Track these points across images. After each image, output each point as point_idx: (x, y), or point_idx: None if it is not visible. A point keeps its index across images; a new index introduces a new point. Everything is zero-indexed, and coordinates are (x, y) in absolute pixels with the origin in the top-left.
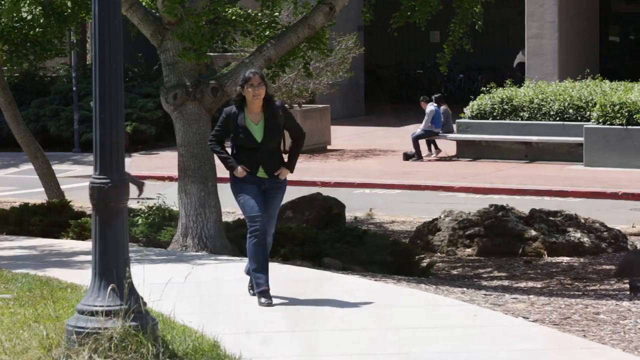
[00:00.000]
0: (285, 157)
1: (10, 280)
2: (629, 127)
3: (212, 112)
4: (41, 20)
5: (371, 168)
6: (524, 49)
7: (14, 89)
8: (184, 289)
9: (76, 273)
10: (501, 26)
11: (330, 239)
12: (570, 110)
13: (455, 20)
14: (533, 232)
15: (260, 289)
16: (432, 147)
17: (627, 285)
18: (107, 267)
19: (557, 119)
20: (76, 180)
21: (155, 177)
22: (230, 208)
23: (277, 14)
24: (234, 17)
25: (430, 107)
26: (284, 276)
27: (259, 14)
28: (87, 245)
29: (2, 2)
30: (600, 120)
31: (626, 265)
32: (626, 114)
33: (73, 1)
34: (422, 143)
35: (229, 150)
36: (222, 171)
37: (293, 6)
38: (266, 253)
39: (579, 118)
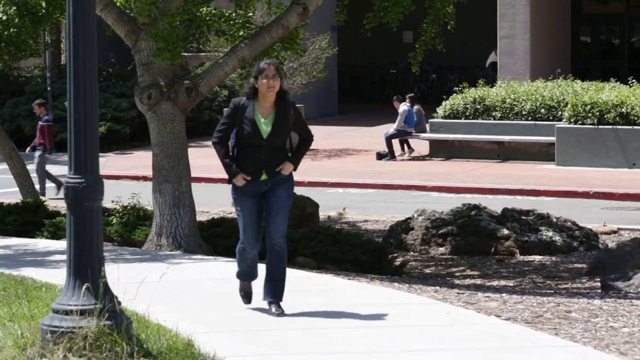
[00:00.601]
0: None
1: None
2: (600, 126)
3: (187, 112)
4: (16, 21)
5: (345, 167)
6: (497, 49)
7: None
8: (159, 288)
9: (51, 272)
10: (473, 26)
11: (303, 238)
12: (542, 110)
13: (427, 20)
14: (505, 231)
15: (242, 283)
16: (405, 146)
17: (599, 284)
18: (81, 266)
19: (529, 118)
20: None
21: (130, 176)
22: (205, 207)
23: (251, 14)
24: (208, 17)
25: (403, 107)
26: (258, 275)
27: (233, 14)
28: (62, 244)
29: None
30: (572, 120)
31: (597, 264)
32: (597, 113)
33: (47, 2)
34: (396, 143)
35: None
36: (196, 171)
37: (267, 6)
38: (251, 264)
39: (551, 118)
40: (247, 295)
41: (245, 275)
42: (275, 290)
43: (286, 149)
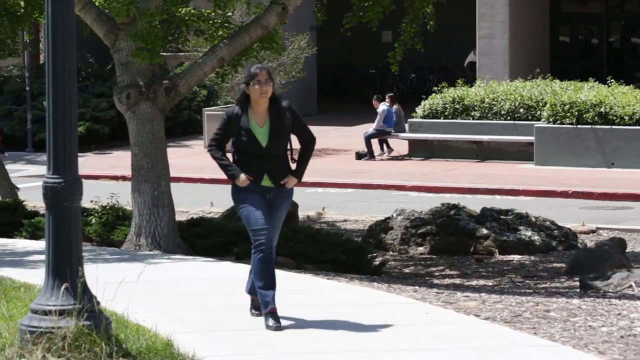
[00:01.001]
0: (293, 165)
1: None
2: (579, 126)
3: (165, 111)
4: None
5: (324, 167)
6: (475, 49)
7: None
8: (138, 288)
9: (29, 272)
10: (453, 26)
11: (283, 237)
12: (521, 110)
13: (406, 19)
14: (484, 231)
15: (268, 308)
16: (385, 146)
17: (577, 283)
18: (60, 266)
19: (508, 118)
20: (29, 179)
21: (109, 176)
22: (184, 207)
23: (230, 13)
24: (187, 17)
25: (382, 107)
26: (236, 275)
27: (212, 14)
28: (41, 244)
29: None
30: (551, 120)
31: (576, 263)
32: (576, 113)
33: (26, 1)
34: (375, 142)
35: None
36: (175, 170)
37: (246, 6)
38: (273, 269)
39: (530, 117)
40: (273, 315)
41: (267, 282)
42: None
43: (287, 155)
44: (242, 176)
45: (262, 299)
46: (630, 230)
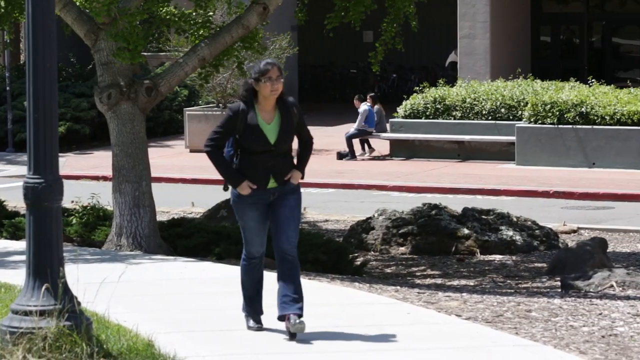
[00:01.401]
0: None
1: None
2: (560, 126)
3: (146, 111)
4: None
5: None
6: (457, 49)
7: None
8: (119, 288)
9: (10, 273)
10: (434, 26)
11: None
12: (502, 110)
13: (387, 19)
14: (466, 231)
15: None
16: (366, 146)
17: (559, 283)
18: (41, 266)
19: (489, 118)
20: (10, 180)
21: (90, 176)
22: (165, 207)
23: (211, 13)
24: (168, 17)
25: (363, 107)
26: (217, 275)
27: (193, 14)
28: (21, 245)
29: None
30: (532, 120)
31: (557, 263)
32: (557, 113)
33: (6, 1)
34: (356, 142)
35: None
36: (156, 171)
37: (227, 6)
38: (258, 276)
39: (511, 117)
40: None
41: (252, 305)
42: (292, 302)
43: (291, 153)
44: (244, 184)
45: (244, 302)
46: (612, 230)
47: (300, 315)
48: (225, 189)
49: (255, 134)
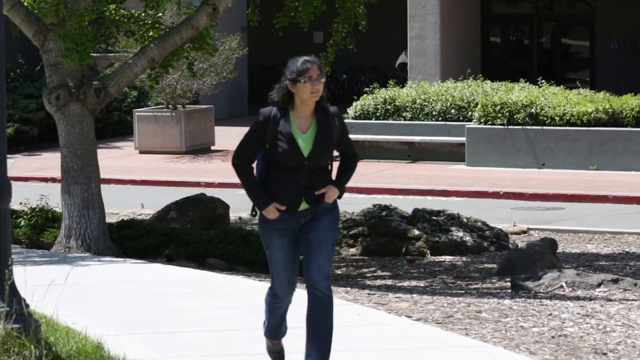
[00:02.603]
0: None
1: None
2: (510, 127)
3: (95, 112)
4: None
5: None
6: (407, 50)
7: None
8: (68, 290)
9: None
10: (384, 27)
11: (214, 239)
12: (452, 111)
13: (338, 20)
14: (416, 232)
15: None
16: None
17: (509, 284)
18: None
19: (440, 119)
20: None
21: (39, 178)
22: (114, 209)
23: (160, 14)
24: (117, 18)
25: None
26: (167, 277)
27: (143, 15)
28: None
29: None
30: (482, 120)
31: (508, 264)
32: (507, 114)
33: None
34: None
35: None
36: (106, 172)
37: (177, 7)
38: (283, 312)
39: (461, 118)
40: (279, 358)
41: (275, 332)
42: (320, 349)
43: (329, 170)
44: (271, 207)
45: (266, 327)
46: (561, 231)
47: None
48: (254, 213)
49: (287, 144)
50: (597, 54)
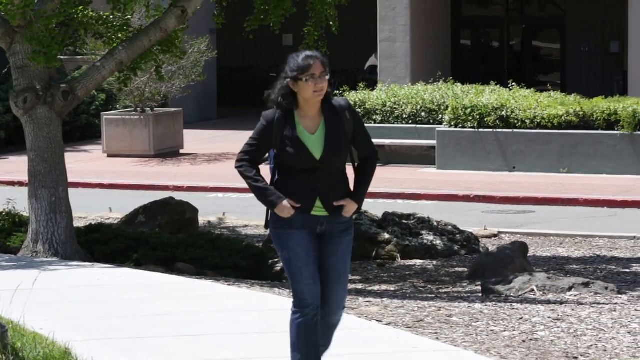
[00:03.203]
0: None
1: None
2: (481, 130)
3: (63, 116)
4: None
5: (225, 172)
6: (377, 52)
7: None
8: (35, 295)
9: None
10: (354, 29)
11: (182, 243)
12: (423, 114)
13: (309, 23)
14: (386, 235)
15: None
16: None
17: (480, 288)
18: None
19: (410, 122)
20: None
21: (5, 182)
22: (82, 213)
23: (129, 16)
24: (85, 20)
25: None
26: (135, 281)
27: (111, 17)
28: None
29: None
30: (452, 124)
31: (478, 268)
32: (477, 117)
33: None
34: None
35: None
36: (73, 176)
37: (145, 9)
38: (316, 337)
39: (432, 121)
40: None
41: (306, 356)
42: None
43: (345, 172)
44: (285, 203)
45: None
46: (532, 234)
47: None
48: (267, 226)
49: (295, 148)
50: (568, 56)
